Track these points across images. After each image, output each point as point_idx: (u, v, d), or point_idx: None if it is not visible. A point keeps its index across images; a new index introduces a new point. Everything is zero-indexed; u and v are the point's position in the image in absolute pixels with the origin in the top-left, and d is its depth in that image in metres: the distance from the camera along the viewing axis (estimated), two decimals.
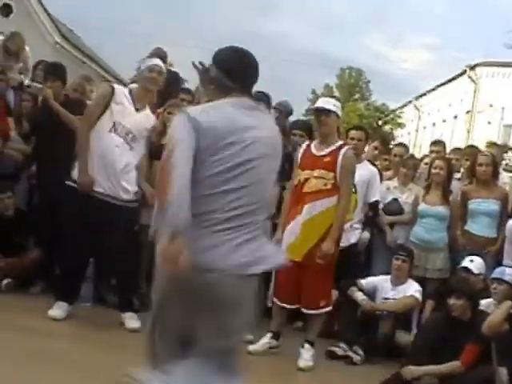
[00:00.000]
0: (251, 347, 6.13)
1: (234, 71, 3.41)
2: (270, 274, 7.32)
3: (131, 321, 6.12)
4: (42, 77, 7.46)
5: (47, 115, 7.04)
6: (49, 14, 24.84)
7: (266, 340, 6.23)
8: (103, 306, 6.82)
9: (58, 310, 6.11)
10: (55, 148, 6.87)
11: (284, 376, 5.78)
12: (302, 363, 5.99)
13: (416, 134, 35.34)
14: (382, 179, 7.79)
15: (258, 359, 6.03)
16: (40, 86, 7.01)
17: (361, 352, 6.42)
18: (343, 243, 6.51)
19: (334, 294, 6.72)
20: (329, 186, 6.00)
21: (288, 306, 6.23)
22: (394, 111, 38.29)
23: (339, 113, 6.27)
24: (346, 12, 77.36)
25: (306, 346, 6.10)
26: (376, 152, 8.62)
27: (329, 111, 6.11)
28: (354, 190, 6.75)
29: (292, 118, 8.68)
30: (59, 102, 7.12)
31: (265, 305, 7.51)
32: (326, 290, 6.21)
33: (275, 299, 6.31)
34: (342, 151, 6.07)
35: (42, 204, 7.31)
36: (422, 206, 7.42)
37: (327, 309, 6.21)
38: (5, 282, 6.80)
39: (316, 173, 6.02)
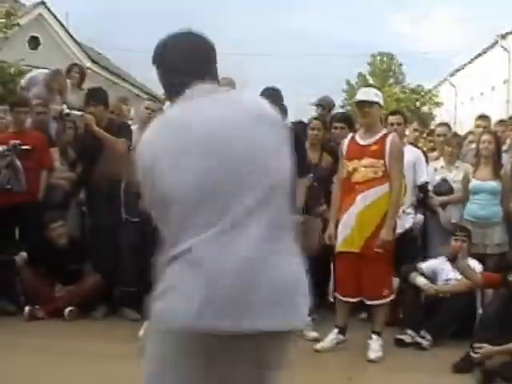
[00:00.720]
0: (319, 345, 6.15)
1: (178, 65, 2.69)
2: (329, 269, 7.39)
3: None
4: (84, 102, 7.54)
5: (91, 140, 7.13)
6: (76, 41, 25.09)
7: (332, 336, 6.22)
8: None
9: None
10: (101, 174, 7.01)
11: (354, 369, 5.78)
12: (371, 354, 5.97)
13: (455, 111, 34.96)
14: (427, 161, 7.75)
15: (326, 356, 6.05)
16: (79, 113, 7.10)
17: (428, 336, 6.37)
18: (399, 229, 6.52)
19: (396, 281, 6.71)
20: (379, 174, 5.98)
21: (351, 300, 6.20)
22: (430, 91, 37.96)
23: (381, 102, 6.27)
24: None
25: (374, 336, 6.08)
26: (416, 134, 8.59)
27: (371, 102, 6.10)
28: None
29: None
30: (103, 125, 7.21)
31: (327, 300, 7.57)
32: (387, 279, 6.18)
33: (337, 294, 6.30)
34: (389, 138, 6.07)
35: (93, 229, 7.40)
36: (473, 183, 7.35)
37: (390, 298, 6.18)
38: (67, 310, 6.89)
39: (364, 162, 6.01)
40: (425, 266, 6.92)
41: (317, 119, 7.60)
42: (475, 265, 6.79)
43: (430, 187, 7.58)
